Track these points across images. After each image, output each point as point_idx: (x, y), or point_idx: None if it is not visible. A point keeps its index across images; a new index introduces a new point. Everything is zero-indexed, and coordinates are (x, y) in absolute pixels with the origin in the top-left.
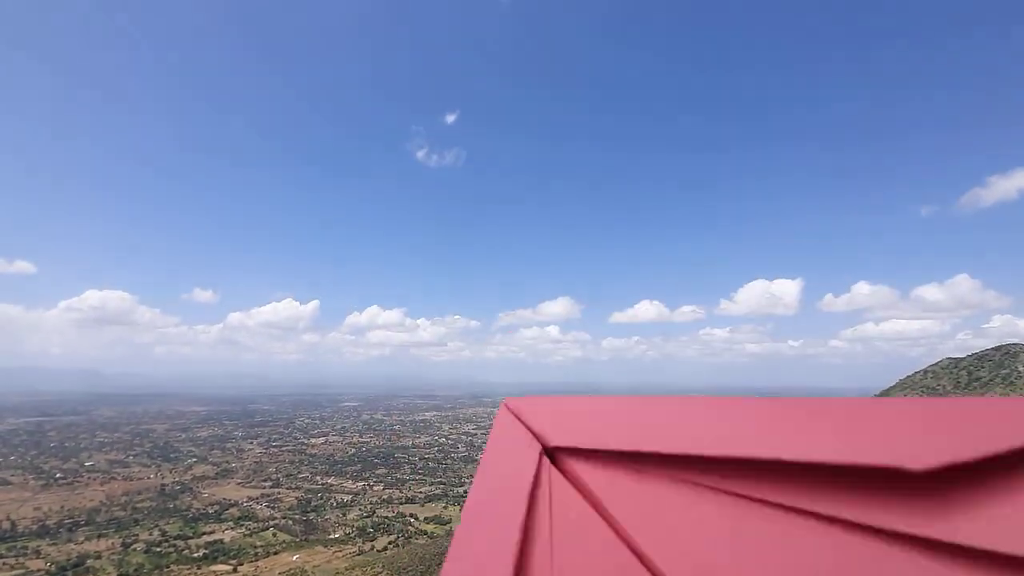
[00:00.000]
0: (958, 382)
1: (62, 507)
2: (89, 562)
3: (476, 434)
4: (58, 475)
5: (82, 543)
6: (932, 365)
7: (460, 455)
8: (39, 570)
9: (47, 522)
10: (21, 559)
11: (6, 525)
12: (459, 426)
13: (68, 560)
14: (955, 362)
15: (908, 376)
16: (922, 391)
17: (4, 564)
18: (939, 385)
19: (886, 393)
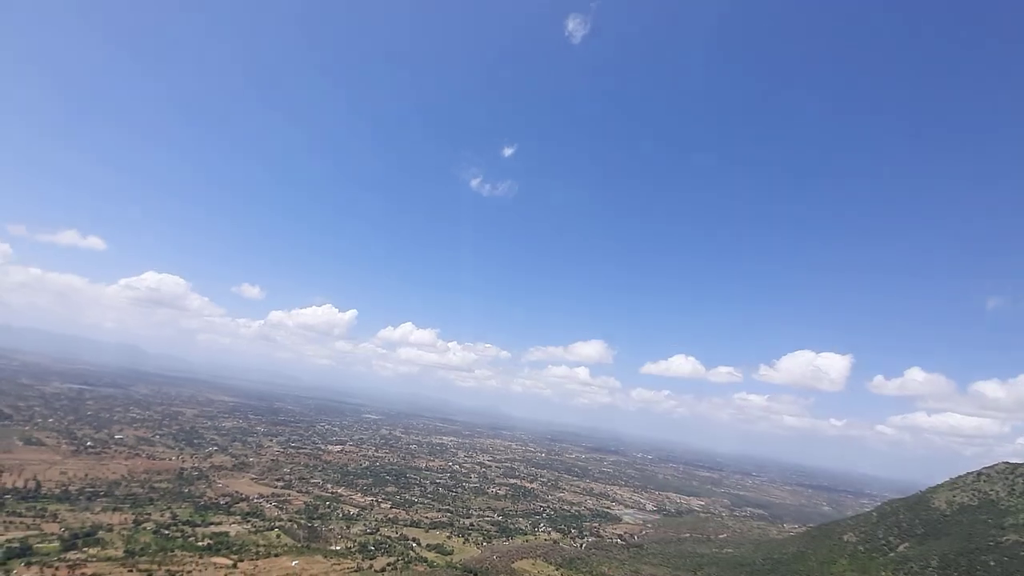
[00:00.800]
0: (1013, 489)
1: (86, 475)
2: (101, 533)
3: (491, 466)
4: (88, 443)
5: (98, 513)
6: (987, 468)
7: (471, 485)
8: (52, 534)
9: (70, 487)
10: (38, 520)
11: (31, 485)
12: (475, 455)
13: (82, 528)
14: (1012, 468)
15: (959, 476)
16: (973, 494)
17: (21, 523)
18: (992, 490)
19: (933, 491)
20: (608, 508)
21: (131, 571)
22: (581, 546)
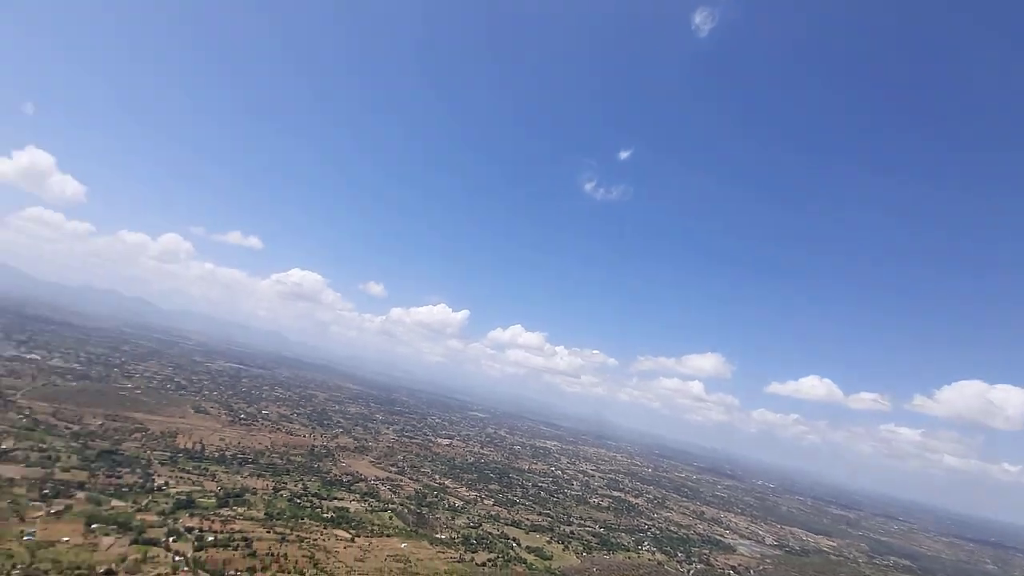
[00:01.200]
0: None
1: (239, 443)
2: (247, 496)
3: (594, 475)
4: (242, 416)
5: (246, 477)
6: None
7: (574, 492)
8: (210, 491)
9: (226, 452)
10: (201, 478)
11: (198, 447)
12: (578, 463)
13: (233, 489)
14: None
15: None
16: None
17: (188, 479)
18: None
19: None
20: (720, 536)
21: (269, 532)
22: (688, 572)
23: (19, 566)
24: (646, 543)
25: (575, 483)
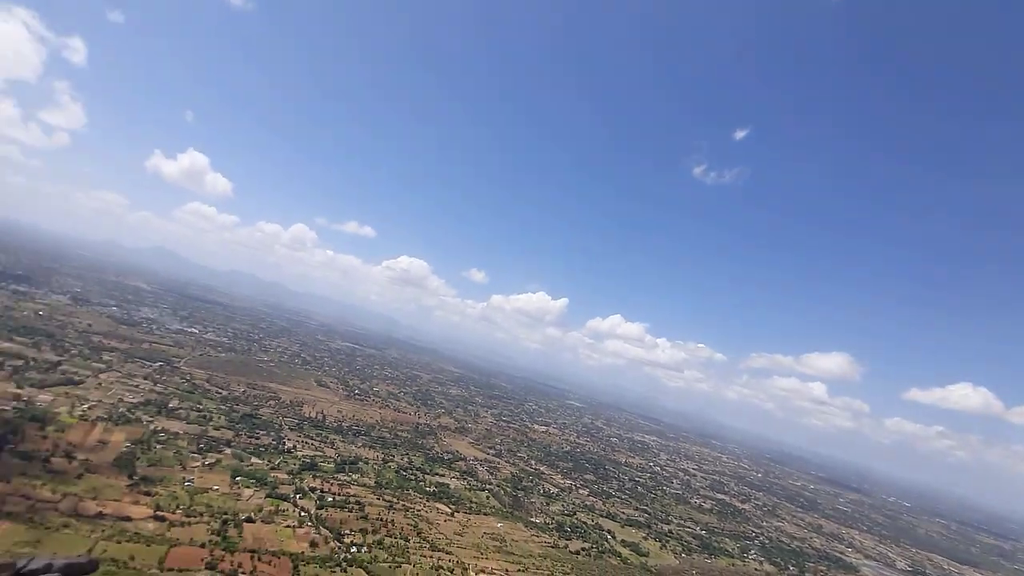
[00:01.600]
0: None
1: (353, 416)
2: (360, 464)
3: (696, 475)
4: (356, 391)
5: (359, 447)
6: None
7: (673, 491)
8: (329, 457)
9: (343, 424)
10: (322, 445)
11: (319, 417)
12: (679, 460)
13: (348, 457)
14: None
15: None
16: None
17: (311, 444)
18: None
19: None
20: (841, 554)
21: (378, 499)
22: None
23: (182, 506)
24: (752, 552)
25: (675, 481)
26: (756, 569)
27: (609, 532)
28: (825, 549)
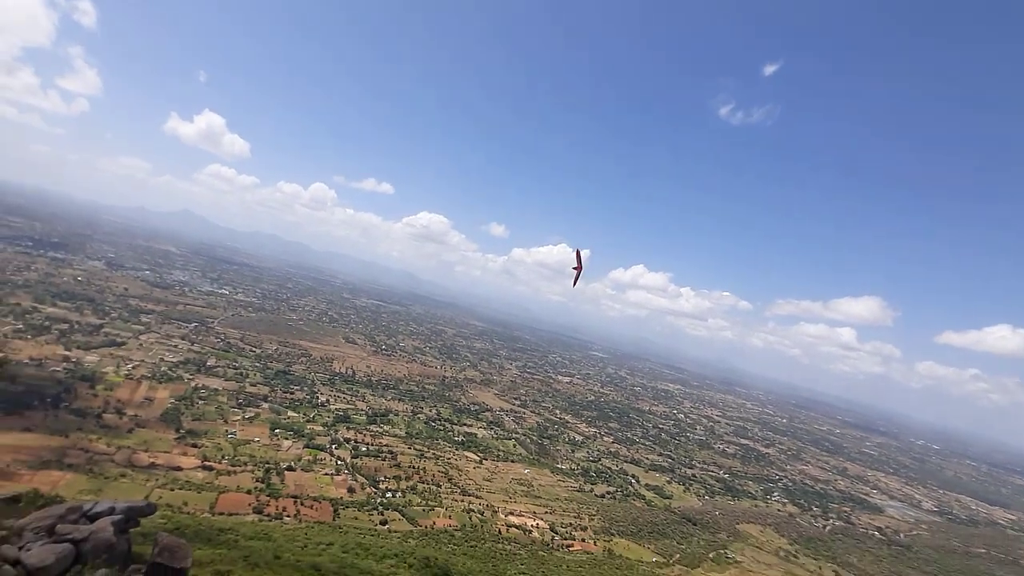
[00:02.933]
0: None
1: (381, 370)
2: (390, 416)
3: (719, 421)
4: (383, 347)
5: (389, 400)
6: None
7: (696, 437)
8: (361, 409)
9: (372, 378)
10: (353, 399)
11: (349, 372)
12: (702, 407)
13: (379, 409)
14: None
15: None
16: None
17: (343, 398)
18: None
19: None
20: (866, 495)
21: (410, 448)
22: (824, 527)
23: (226, 457)
24: (776, 494)
25: (698, 428)
26: (779, 510)
27: (633, 477)
28: (849, 491)
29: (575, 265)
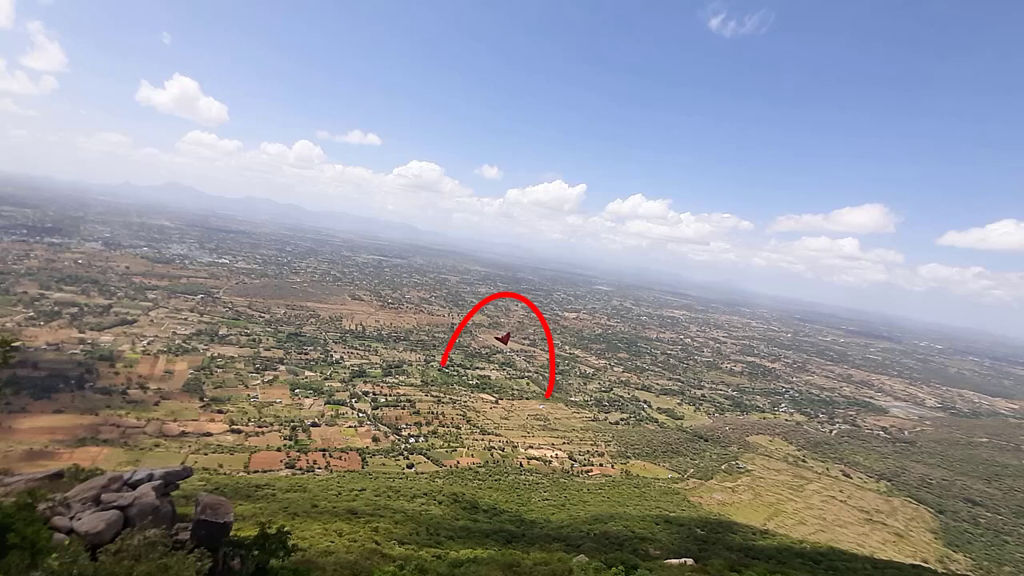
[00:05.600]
0: None
1: (391, 324)
2: (404, 367)
3: (726, 342)
4: (389, 300)
5: (401, 352)
6: None
7: (704, 359)
8: (375, 363)
9: (382, 332)
10: (367, 353)
11: (359, 328)
12: (708, 330)
13: (393, 361)
14: None
15: None
16: None
17: (356, 354)
18: None
19: None
20: (871, 398)
21: (427, 395)
22: (830, 432)
23: (252, 419)
24: (783, 405)
25: (706, 350)
26: (786, 420)
27: (645, 402)
28: (855, 396)
29: (500, 336)
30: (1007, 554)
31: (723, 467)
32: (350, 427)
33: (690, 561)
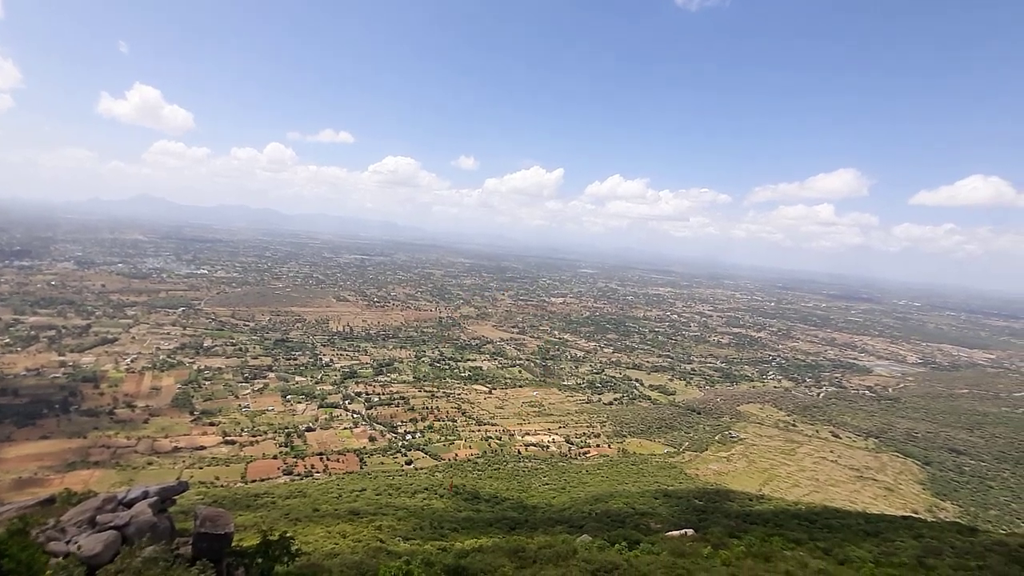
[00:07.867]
0: None
1: (378, 322)
2: (395, 364)
3: (711, 316)
4: (375, 299)
5: (391, 350)
6: None
7: (692, 334)
8: (366, 363)
9: (370, 331)
10: (356, 354)
11: (347, 329)
12: (694, 305)
13: (383, 360)
14: None
15: None
16: None
17: (346, 355)
18: None
19: None
20: (855, 359)
21: (420, 391)
22: (818, 395)
23: (246, 429)
24: (771, 373)
25: (693, 325)
26: (775, 387)
27: (637, 381)
28: (839, 358)
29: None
30: (992, 499)
31: (717, 438)
32: (345, 429)
33: (690, 531)
